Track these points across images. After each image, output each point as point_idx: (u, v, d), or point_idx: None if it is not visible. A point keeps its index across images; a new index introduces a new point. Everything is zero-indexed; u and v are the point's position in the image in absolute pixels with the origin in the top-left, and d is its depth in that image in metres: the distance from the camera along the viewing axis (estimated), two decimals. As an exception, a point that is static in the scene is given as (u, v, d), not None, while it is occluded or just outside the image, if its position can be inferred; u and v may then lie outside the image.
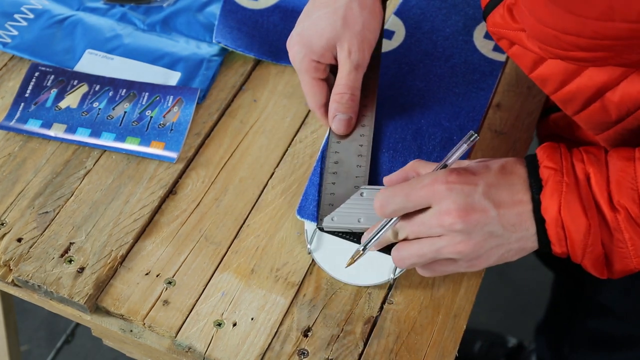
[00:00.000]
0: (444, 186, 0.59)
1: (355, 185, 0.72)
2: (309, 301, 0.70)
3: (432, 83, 0.81)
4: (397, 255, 0.63)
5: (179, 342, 0.67)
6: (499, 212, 0.59)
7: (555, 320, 1.24)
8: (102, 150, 0.79)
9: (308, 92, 0.74)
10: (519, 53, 0.68)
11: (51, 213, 0.74)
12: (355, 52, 0.71)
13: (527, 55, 0.68)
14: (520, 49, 0.67)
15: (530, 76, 0.70)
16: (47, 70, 0.84)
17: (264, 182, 0.78)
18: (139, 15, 0.90)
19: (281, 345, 0.67)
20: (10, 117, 0.81)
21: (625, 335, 1.05)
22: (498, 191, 0.59)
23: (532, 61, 0.68)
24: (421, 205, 0.60)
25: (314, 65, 0.72)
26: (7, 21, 0.88)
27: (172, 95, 0.82)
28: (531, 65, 0.69)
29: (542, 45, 0.58)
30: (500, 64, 0.84)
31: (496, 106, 0.85)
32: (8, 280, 0.71)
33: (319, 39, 0.71)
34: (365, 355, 0.67)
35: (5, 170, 0.77)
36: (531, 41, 0.61)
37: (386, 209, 0.61)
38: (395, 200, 0.61)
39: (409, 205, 0.61)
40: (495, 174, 0.60)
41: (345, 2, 0.71)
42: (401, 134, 0.77)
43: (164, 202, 0.76)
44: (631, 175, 0.58)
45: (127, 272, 0.71)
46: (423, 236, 0.61)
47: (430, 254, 0.61)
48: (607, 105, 0.67)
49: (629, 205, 0.57)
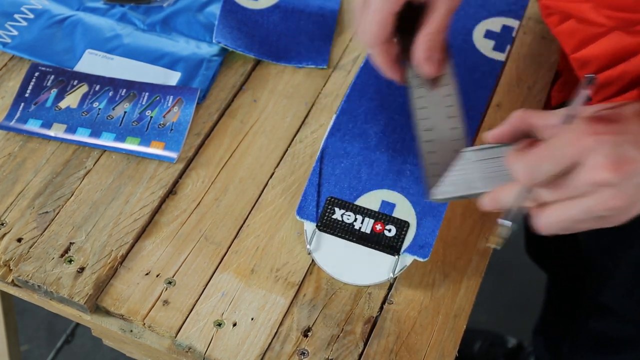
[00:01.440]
0: (592, 138, 0.53)
1: (454, 149, 0.66)
2: (309, 301, 0.70)
3: None
4: (545, 222, 0.57)
5: (179, 342, 0.67)
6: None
7: (552, 321, 1.24)
8: (102, 150, 0.79)
9: (378, 21, 0.64)
10: (569, 30, 0.64)
11: (51, 213, 0.74)
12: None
13: (577, 34, 0.64)
14: (570, 26, 0.63)
15: (571, 57, 0.67)
16: (47, 70, 0.84)
17: (264, 182, 0.78)
18: (139, 15, 0.90)
19: (281, 345, 0.67)
20: (10, 117, 0.81)
21: (627, 336, 1.05)
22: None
23: (579, 41, 0.65)
24: (568, 164, 0.55)
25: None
26: (7, 21, 0.88)
27: (172, 95, 0.82)
28: (577, 45, 0.65)
29: (614, 12, 0.55)
30: (500, 63, 0.84)
31: (496, 106, 0.84)
32: (8, 280, 0.71)
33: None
34: (365, 355, 0.67)
35: (5, 170, 0.77)
36: (598, 10, 0.59)
37: (536, 178, 0.55)
38: (543, 167, 0.55)
39: (558, 168, 0.55)
40: (635, 121, 0.55)
41: None
42: (400, 134, 0.77)
43: (164, 202, 0.76)
44: None
45: (127, 272, 0.71)
46: (566, 197, 0.56)
47: (580, 216, 0.56)
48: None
49: None
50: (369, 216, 0.71)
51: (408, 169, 0.74)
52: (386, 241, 0.70)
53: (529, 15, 0.93)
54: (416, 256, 0.70)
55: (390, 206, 0.72)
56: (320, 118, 0.83)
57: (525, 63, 0.89)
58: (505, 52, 0.82)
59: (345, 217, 0.72)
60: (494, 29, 0.86)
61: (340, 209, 0.72)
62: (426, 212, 0.71)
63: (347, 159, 0.75)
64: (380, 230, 0.71)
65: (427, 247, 0.70)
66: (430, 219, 0.71)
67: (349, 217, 0.72)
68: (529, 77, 0.88)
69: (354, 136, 0.76)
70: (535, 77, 0.88)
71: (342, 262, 0.70)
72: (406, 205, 0.72)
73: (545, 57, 0.90)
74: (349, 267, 0.70)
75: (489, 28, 0.86)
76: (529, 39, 0.92)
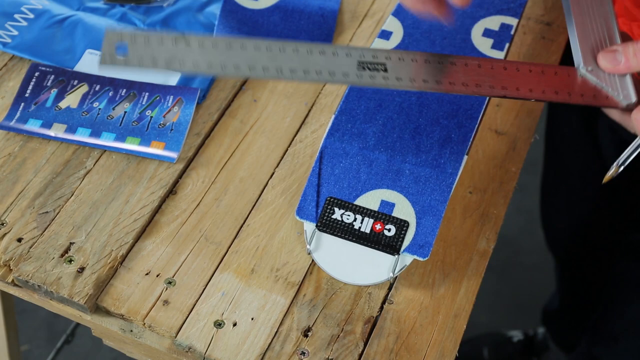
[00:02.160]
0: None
1: None
2: (309, 301, 0.70)
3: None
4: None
5: (179, 342, 0.68)
6: None
7: (572, 306, 1.24)
8: (102, 150, 0.79)
9: None
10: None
11: (51, 213, 0.74)
12: None
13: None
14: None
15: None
16: (47, 70, 0.84)
17: (264, 182, 0.78)
18: (139, 15, 0.90)
19: (281, 345, 0.67)
20: (10, 117, 0.81)
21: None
22: None
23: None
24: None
25: None
26: (7, 21, 0.88)
27: (172, 95, 0.82)
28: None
29: None
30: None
31: (496, 106, 0.85)
32: (8, 280, 0.71)
33: None
34: (365, 355, 0.67)
35: (5, 170, 0.77)
36: None
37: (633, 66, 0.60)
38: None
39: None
40: None
41: None
42: (399, 132, 0.77)
43: (164, 202, 0.76)
44: None
45: (127, 272, 0.71)
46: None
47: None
48: None
49: None
50: (369, 216, 0.71)
51: (407, 168, 0.74)
52: (386, 241, 0.70)
53: (529, 15, 0.93)
54: (416, 255, 0.70)
55: (389, 206, 0.72)
56: (320, 118, 0.83)
57: (525, 63, 0.89)
58: (504, 50, 0.82)
59: (344, 217, 0.72)
60: (493, 27, 0.86)
61: (340, 209, 0.72)
62: (426, 211, 0.72)
63: (346, 159, 0.75)
64: (380, 230, 0.71)
65: (427, 247, 0.70)
66: (429, 218, 0.71)
67: (349, 217, 0.72)
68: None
69: (352, 136, 0.76)
70: (535, 77, 0.88)
71: (342, 262, 0.70)
72: (405, 205, 0.72)
73: (545, 57, 0.90)
74: (349, 267, 0.70)
75: (487, 26, 0.86)
76: (529, 39, 0.92)
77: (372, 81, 0.62)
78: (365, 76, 0.62)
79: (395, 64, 0.62)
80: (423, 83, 0.62)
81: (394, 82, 0.62)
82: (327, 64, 0.61)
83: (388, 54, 0.62)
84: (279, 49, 0.61)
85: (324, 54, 0.62)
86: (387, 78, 0.62)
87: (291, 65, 0.61)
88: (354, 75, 0.61)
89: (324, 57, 0.62)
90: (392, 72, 0.62)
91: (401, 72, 0.62)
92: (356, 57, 0.62)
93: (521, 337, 1.43)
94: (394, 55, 0.63)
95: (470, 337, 1.41)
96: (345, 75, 0.62)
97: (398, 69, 0.62)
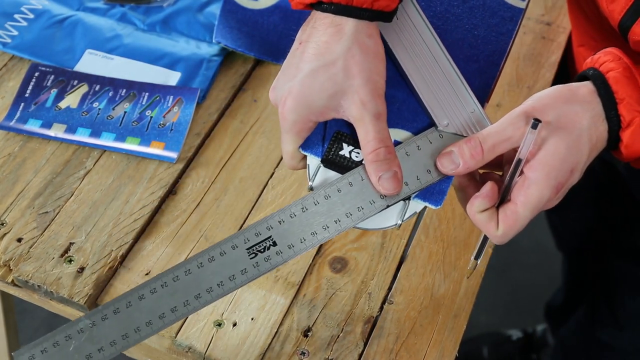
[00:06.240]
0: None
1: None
2: (309, 301, 0.70)
3: (449, 22, 0.76)
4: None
5: (179, 342, 0.68)
6: None
7: (575, 301, 1.24)
8: (102, 150, 0.79)
9: (293, 153, 0.64)
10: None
11: (51, 213, 0.74)
12: (370, 101, 0.61)
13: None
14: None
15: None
16: (47, 70, 0.84)
17: (264, 182, 0.78)
18: (139, 15, 0.90)
19: (281, 345, 0.67)
20: (10, 117, 0.81)
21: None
22: None
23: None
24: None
25: (309, 126, 0.64)
26: (7, 21, 0.88)
27: (172, 95, 0.82)
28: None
29: None
30: (520, 10, 0.78)
31: (496, 106, 0.85)
32: (8, 280, 0.71)
33: (319, 96, 0.62)
34: (365, 355, 0.67)
35: (5, 170, 0.77)
36: None
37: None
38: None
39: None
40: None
41: (343, 51, 0.62)
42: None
43: (164, 202, 0.76)
44: None
45: (127, 272, 0.71)
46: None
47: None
48: None
49: None
50: None
51: (424, 113, 0.66)
52: None
53: (529, 15, 0.93)
54: (428, 203, 0.62)
55: None
56: (320, 118, 0.83)
57: (525, 63, 0.90)
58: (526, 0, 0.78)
59: (353, 154, 0.64)
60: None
61: (349, 146, 0.64)
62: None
63: None
64: None
65: (441, 195, 0.63)
66: None
67: (358, 155, 0.64)
68: (529, 77, 0.88)
69: None
70: (535, 77, 0.88)
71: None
72: None
73: (545, 57, 0.90)
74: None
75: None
76: (529, 39, 0.92)
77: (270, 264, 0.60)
78: (260, 261, 0.59)
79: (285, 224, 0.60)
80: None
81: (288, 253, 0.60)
82: (222, 268, 0.59)
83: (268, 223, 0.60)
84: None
85: (213, 260, 0.59)
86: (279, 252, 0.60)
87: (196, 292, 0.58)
88: (251, 267, 0.59)
89: (220, 260, 0.59)
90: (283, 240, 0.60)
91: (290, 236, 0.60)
92: (243, 247, 0.59)
93: (520, 335, 1.43)
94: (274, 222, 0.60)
95: (470, 336, 1.41)
96: (244, 272, 0.59)
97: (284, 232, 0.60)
